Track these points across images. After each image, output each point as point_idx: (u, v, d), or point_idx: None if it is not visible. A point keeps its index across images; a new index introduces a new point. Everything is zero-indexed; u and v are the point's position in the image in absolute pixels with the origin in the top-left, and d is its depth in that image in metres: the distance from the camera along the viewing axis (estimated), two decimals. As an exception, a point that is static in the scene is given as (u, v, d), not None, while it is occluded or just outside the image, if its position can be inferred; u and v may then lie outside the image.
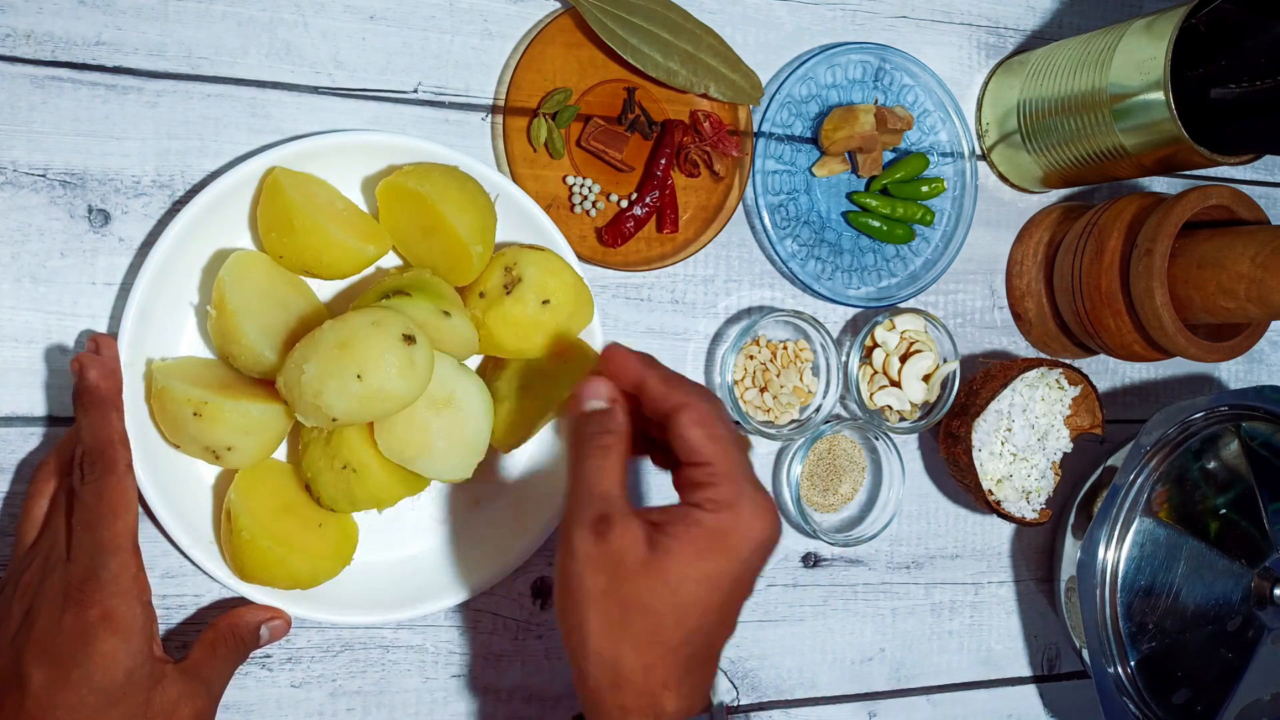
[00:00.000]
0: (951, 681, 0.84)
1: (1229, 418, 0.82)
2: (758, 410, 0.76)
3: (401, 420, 0.60)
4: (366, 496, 0.62)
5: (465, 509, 0.70)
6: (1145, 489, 0.80)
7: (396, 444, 0.61)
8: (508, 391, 0.66)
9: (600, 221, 0.72)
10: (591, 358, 0.66)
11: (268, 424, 0.60)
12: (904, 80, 0.80)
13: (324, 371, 0.56)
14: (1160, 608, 0.81)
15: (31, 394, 0.62)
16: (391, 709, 0.69)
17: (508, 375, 0.66)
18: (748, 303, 0.78)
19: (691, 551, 0.52)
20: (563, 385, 0.65)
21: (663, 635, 0.52)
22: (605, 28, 0.70)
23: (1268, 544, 0.81)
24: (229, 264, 0.61)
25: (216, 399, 0.59)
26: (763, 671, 0.78)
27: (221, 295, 0.60)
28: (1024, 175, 0.83)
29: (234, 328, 0.60)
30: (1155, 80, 0.70)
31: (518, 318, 0.64)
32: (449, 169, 0.64)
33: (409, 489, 0.64)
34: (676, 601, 0.52)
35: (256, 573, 0.61)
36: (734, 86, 0.74)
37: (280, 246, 0.62)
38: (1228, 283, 0.72)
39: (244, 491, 0.61)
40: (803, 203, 0.78)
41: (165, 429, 0.61)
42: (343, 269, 0.64)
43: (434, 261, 0.64)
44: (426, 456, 0.61)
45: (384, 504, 0.63)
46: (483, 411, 0.63)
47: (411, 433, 0.61)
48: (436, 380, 0.61)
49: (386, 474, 0.62)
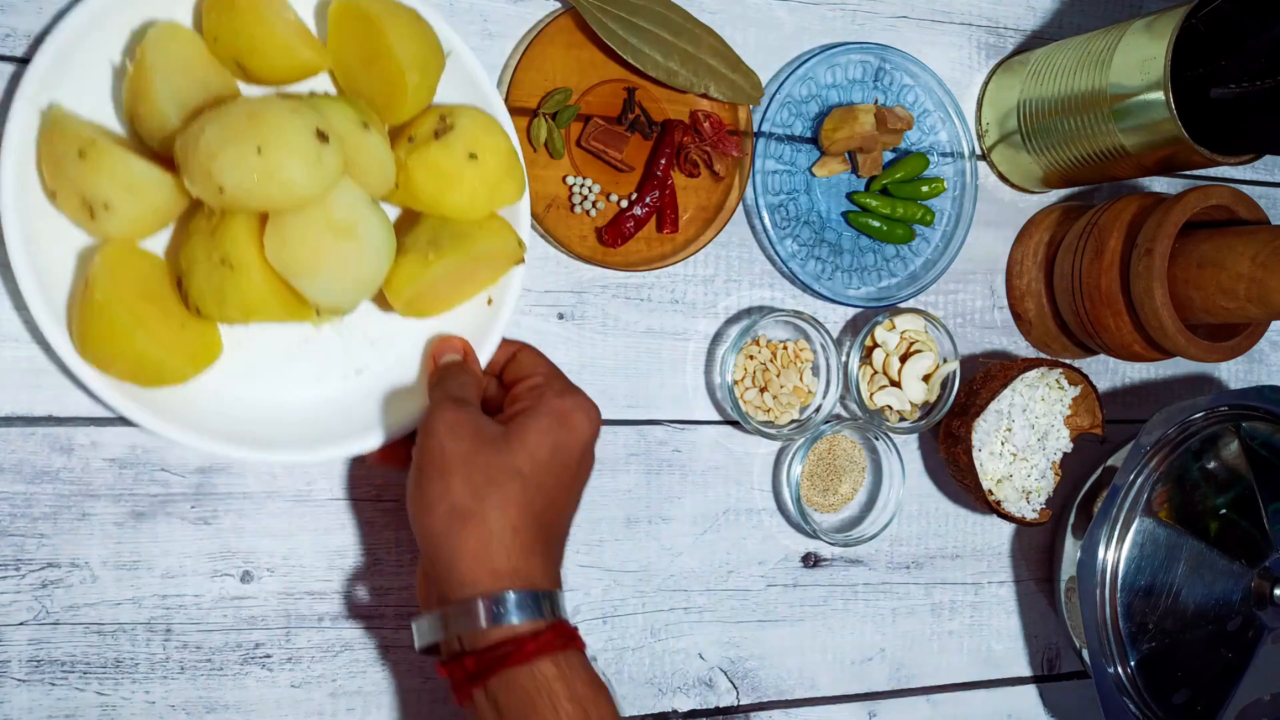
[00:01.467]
0: (951, 681, 0.84)
1: (1229, 418, 0.82)
2: (758, 410, 0.76)
3: (296, 234, 0.57)
4: (238, 300, 0.58)
5: (344, 375, 0.66)
6: (1145, 489, 0.80)
7: (286, 256, 0.58)
8: (414, 244, 0.63)
9: (600, 221, 0.72)
10: (511, 238, 0.64)
11: (152, 187, 0.57)
12: (904, 80, 0.80)
13: (224, 137, 0.54)
14: (1160, 608, 0.81)
15: (31, 394, 0.63)
16: (391, 709, 0.69)
17: (419, 229, 0.64)
18: (748, 303, 0.78)
19: (544, 424, 0.58)
20: (475, 255, 0.63)
21: (526, 498, 0.56)
22: (605, 28, 0.70)
23: (1268, 544, 0.81)
24: (160, 27, 0.59)
25: (105, 141, 0.56)
26: (763, 671, 0.78)
27: (144, 52, 0.57)
28: (1024, 175, 0.83)
29: (146, 84, 0.57)
30: (1155, 80, 0.70)
31: (442, 166, 0.62)
32: (409, 8, 0.62)
33: (285, 309, 0.60)
34: (535, 466, 0.57)
35: (100, 344, 0.57)
36: (734, 86, 0.74)
37: (218, 26, 0.59)
38: (1228, 283, 0.72)
39: (111, 262, 0.57)
40: (803, 203, 0.78)
41: (47, 172, 0.58)
42: (273, 69, 0.61)
43: (371, 96, 0.62)
44: (314, 277, 0.58)
45: (254, 315, 0.59)
46: (383, 250, 0.60)
47: (304, 249, 0.57)
48: (343, 207, 0.58)
49: (265, 280, 0.58)
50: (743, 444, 0.77)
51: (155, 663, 0.64)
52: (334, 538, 0.68)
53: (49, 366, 0.63)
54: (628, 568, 0.74)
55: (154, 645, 0.64)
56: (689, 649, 0.76)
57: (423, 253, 0.62)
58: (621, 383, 0.74)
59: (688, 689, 0.76)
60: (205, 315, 0.59)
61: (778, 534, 0.78)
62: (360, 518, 0.69)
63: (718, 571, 0.77)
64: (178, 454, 0.65)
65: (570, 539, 0.74)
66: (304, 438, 0.63)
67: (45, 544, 0.63)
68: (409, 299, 0.63)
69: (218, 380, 0.63)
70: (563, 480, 0.59)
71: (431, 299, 0.64)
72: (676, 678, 0.76)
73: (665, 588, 0.75)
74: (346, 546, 0.68)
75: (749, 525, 0.77)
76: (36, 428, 0.63)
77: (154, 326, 0.58)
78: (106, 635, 0.64)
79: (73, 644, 0.63)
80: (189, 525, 0.65)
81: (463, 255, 0.62)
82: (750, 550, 0.77)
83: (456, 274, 0.63)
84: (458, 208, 0.63)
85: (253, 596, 0.66)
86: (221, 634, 0.66)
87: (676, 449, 0.76)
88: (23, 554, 0.62)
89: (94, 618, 0.63)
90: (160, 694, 0.65)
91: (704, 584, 0.76)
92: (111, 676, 0.64)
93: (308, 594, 0.67)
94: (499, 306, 0.66)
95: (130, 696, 0.64)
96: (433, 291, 0.63)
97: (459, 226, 0.63)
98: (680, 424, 0.76)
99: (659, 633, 0.75)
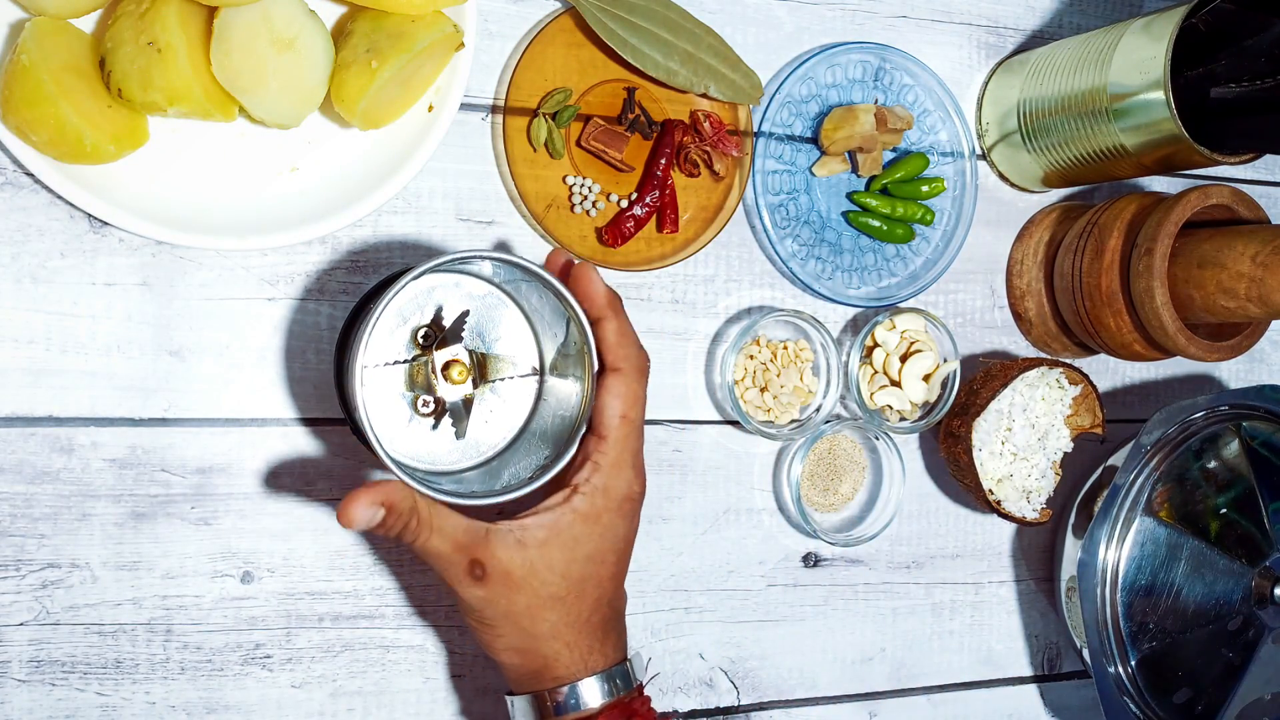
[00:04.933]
0: (952, 681, 0.84)
1: (1229, 417, 0.82)
2: (758, 410, 0.76)
3: (239, 49, 0.58)
4: (164, 84, 0.58)
5: (279, 171, 0.66)
6: (1145, 489, 0.80)
7: (230, 72, 0.59)
8: (354, 55, 0.62)
9: (600, 221, 0.72)
10: (447, 24, 0.63)
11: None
12: (904, 80, 0.80)
13: None
14: (1161, 607, 0.81)
15: (31, 394, 0.62)
16: (391, 709, 0.69)
17: (354, 39, 0.63)
18: (748, 303, 0.78)
19: (568, 538, 0.59)
20: (416, 51, 0.62)
21: (571, 615, 0.59)
22: (605, 28, 0.70)
23: (1268, 544, 0.81)
24: None
25: None
26: (763, 671, 0.78)
27: None
28: (1024, 175, 0.83)
29: None
30: (1155, 80, 0.70)
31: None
32: None
33: (211, 101, 0.60)
34: (570, 582, 0.59)
35: (23, 108, 0.57)
36: (734, 86, 0.74)
37: None
38: (1228, 282, 0.72)
39: (41, 33, 0.58)
40: (803, 203, 0.78)
41: None
42: None
43: None
44: (261, 91, 0.59)
45: (178, 101, 0.59)
46: (323, 61, 0.61)
47: (248, 62, 0.58)
48: (282, 19, 0.59)
49: (191, 66, 0.58)
50: (743, 444, 0.77)
51: (155, 663, 0.64)
52: (334, 538, 0.68)
53: (49, 366, 0.63)
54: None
55: (154, 646, 0.65)
56: (689, 649, 0.76)
57: (365, 62, 0.62)
58: (622, 383, 0.74)
59: (688, 689, 0.76)
60: (127, 98, 0.59)
61: (778, 534, 0.78)
62: (360, 518, 0.69)
63: (718, 571, 0.77)
64: (178, 454, 0.65)
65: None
66: (235, 226, 0.63)
67: (45, 544, 0.63)
68: (364, 111, 0.63)
69: (148, 165, 0.63)
70: (603, 575, 0.60)
71: (384, 107, 0.64)
72: (677, 678, 0.76)
73: (665, 588, 0.75)
74: (346, 546, 0.68)
75: (749, 525, 0.77)
76: (36, 428, 0.63)
77: (79, 99, 0.58)
78: (107, 636, 0.64)
79: (73, 644, 0.63)
80: (189, 526, 0.65)
81: (405, 54, 0.62)
82: (750, 550, 0.77)
83: (401, 74, 0.63)
84: (403, 1, 0.62)
85: (253, 597, 0.66)
86: (222, 634, 0.66)
87: (677, 449, 0.76)
88: (23, 554, 0.62)
89: (94, 618, 0.63)
90: (160, 694, 0.65)
91: (704, 584, 0.76)
92: (112, 677, 0.64)
93: (308, 594, 0.67)
94: (439, 111, 0.66)
95: (130, 697, 0.64)
96: (384, 98, 0.63)
97: (394, 26, 0.63)
98: (680, 424, 0.76)
99: (659, 633, 0.75)
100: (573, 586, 0.59)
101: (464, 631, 0.71)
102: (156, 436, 0.65)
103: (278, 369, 0.67)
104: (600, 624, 0.61)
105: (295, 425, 0.67)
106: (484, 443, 0.67)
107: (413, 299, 0.66)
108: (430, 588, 0.70)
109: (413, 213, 0.70)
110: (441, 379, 0.65)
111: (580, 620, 0.60)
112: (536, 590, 0.58)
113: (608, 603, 0.61)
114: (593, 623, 0.60)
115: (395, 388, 0.66)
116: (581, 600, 0.59)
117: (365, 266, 0.69)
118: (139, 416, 0.65)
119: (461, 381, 0.65)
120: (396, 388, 0.66)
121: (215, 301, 0.66)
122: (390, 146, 0.67)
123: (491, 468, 0.67)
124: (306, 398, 0.68)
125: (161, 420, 0.65)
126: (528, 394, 0.68)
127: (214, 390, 0.66)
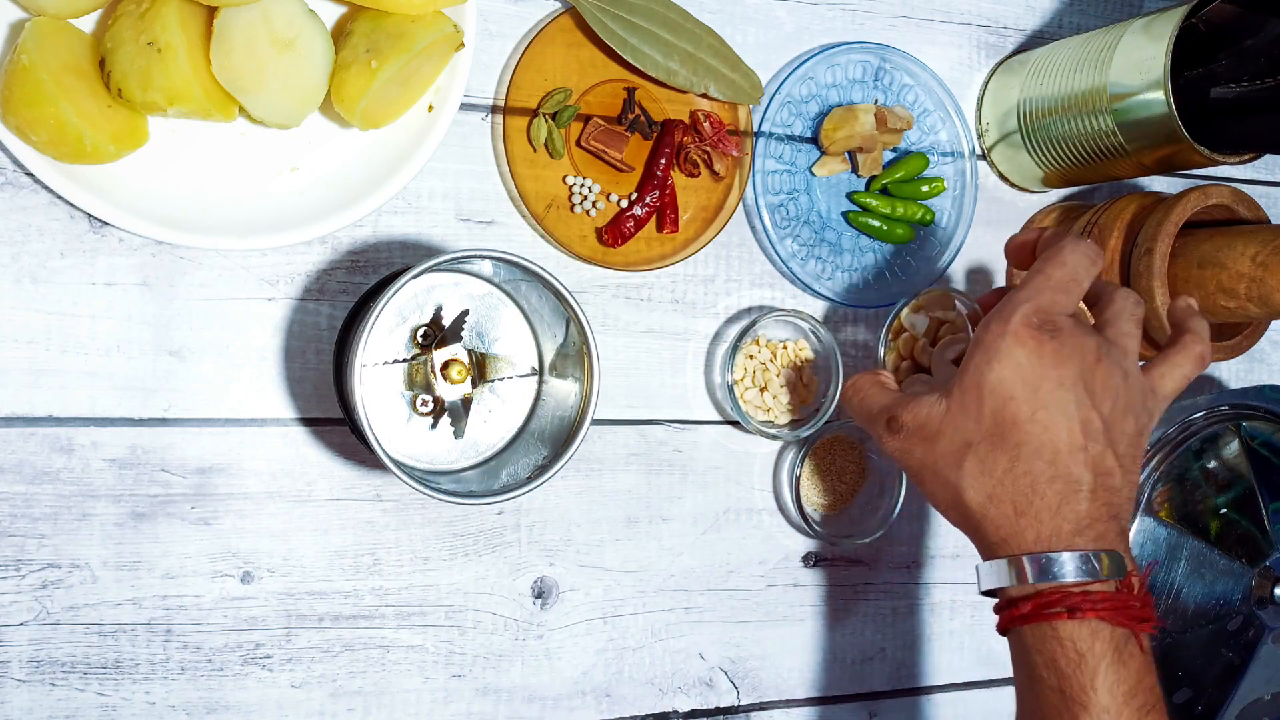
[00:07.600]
0: (951, 681, 0.84)
1: (1229, 417, 0.82)
2: (758, 410, 0.76)
3: (239, 48, 0.58)
4: (164, 84, 0.58)
5: (279, 171, 0.66)
6: (1145, 488, 0.80)
7: (230, 72, 0.59)
8: (354, 55, 0.63)
9: (600, 221, 0.72)
10: (446, 24, 0.63)
11: None
12: (904, 80, 0.80)
13: None
14: (1161, 607, 0.81)
15: (31, 394, 0.63)
16: (391, 709, 0.69)
17: (354, 39, 0.63)
18: (748, 303, 0.78)
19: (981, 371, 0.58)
20: (416, 52, 0.62)
21: (988, 466, 0.58)
22: (605, 28, 0.70)
23: (1268, 543, 0.81)
24: None
25: None
26: (763, 671, 0.78)
27: None
28: (1024, 175, 0.83)
29: None
30: (1155, 80, 0.70)
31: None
32: None
33: (211, 101, 0.60)
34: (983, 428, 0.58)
35: (23, 108, 0.57)
36: (734, 86, 0.74)
37: None
38: (1228, 282, 0.72)
39: (41, 33, 0.58)
40: (803, 203, 0.78)
41: None
42: None
43: None
44: (261, 92, 0.59)
45: (178, 101, 0.59)
46: (323, 61, 0.61)
47: (248, 62, 0.59)
48: (282, 19, 0.59)
49: (191, 66, 0.59)
50: (743, 444, 0.77)
51: (155, 663, 0.65)
52: (334, 538, 0.68)
53: (49, 366, 0.63)
54: (628, 568, 0.74)
55: (154, 646, 0.65)
56: (689, 649, 0.76)
57: (365, 62, 0.62)
58: (621, 382, 0.74)
59: (688, 689, 0.76)
60: (127, 98, 0.59)
61: (778, 534, 0.78)
62: (360, 518, 0.69)
63: (718, 571, 0.77)
64: (178, 454, 0.65)
65: (570, 539, 0.74)
66: (235, 226, 0.63)
67: (45, 544, 0.63)
68: (364, 111, 0.63)
69: (148, 166, 0.63)
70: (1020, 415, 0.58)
71: (384, 107, 0.64)
72: (677, 678, 0.76)
73: (665, 588, 0.75)
74: (346, 546, 0.68)
75: (749, 525, 0.77)
76: (36, 428, 0.63)
77: (79, 99, 0.58)
78: (106, 636, 0.64)
79: (73, 644, 0.63)
80: (189, 526, 0.65)
81: (404, 54, 0.62)
82: (750, 550, 0.77)
83: (401, 74, 0.63)
84: (403, 1, 0.63)
85: (253, 597, 0.66)
86: (222, 634, 0.66)
87: (677, 449, 0.76)
88: (23, 554, 0.62)
89: (94, 618, 0.63)
90: (160, 694, 0.65)
91: (704, 584, 0.76)
92: (111, 677, 0.64)
93: (308, 594, 0.67)
94: (439, 111, 0.66)
95: (130, 697, 0.64)
96: (384, 98, 0.63)
97: (393, 26, 0.63)
98: (680, 424, 0.76)
99: (659, 633, 0.75)
100: (986, 433, 0.58)
101: (464, 631, 0.71)
102: (156, 436, 0.65)
103: (277, 369, 0.67)
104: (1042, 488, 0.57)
105: (295, 425, 0.68)
106: (483, 442, 0.67)
107: (412, 298, 0.66)
108: (430, 588, 0.70)
109: (413, 213, 0.70)
110: (440, 378, 0.65)
111: (1000, 471, 0.58)
112: (950, 438, 0.59)
113: (1036, 455, 0.57)
114: (1022, 483, 0.58)
115: (394, 387, 0.66)
116: (998, 448, 0.58)
117: (365, 266, 0.69)
118: (139, 416, 0.65)
119: (460, 381, 0.65)
120: (396, 387, 0.66)
121: (215, 301, 0.66)
122: (390, 146, 0.67)
123: (490, 467, 0.67)
124: (306, 398, 0.68)
125: (161, 420, 0.65)
126: (527, 394, 0.68)
127: (214, 390, 0.66)
